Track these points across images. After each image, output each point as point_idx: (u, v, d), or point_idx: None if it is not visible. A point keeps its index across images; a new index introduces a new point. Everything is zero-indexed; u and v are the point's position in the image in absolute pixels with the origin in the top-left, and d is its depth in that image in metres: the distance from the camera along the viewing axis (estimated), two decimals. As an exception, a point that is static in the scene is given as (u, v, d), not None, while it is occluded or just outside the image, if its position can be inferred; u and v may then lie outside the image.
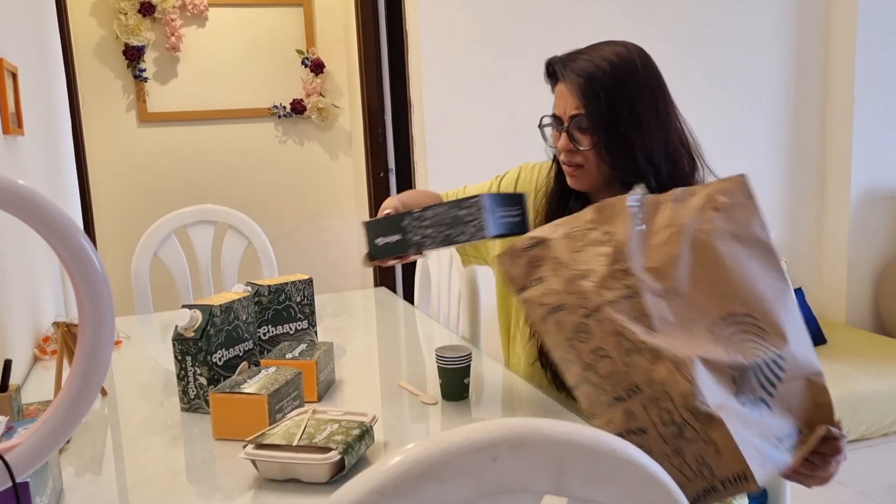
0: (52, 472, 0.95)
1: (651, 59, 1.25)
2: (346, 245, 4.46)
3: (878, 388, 2.85)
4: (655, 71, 1.25)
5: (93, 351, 0.64)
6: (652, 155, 1.20)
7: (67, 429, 0.65)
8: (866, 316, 3.67)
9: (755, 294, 0.90)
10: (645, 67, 1.23)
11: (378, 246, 1.18)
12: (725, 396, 0.85)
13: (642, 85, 1.21)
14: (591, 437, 0.57)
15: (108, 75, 3.95)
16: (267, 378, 1.20)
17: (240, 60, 4.14)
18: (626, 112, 1.20)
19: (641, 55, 1.24)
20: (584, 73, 1.21)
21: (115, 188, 4.04)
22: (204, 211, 2.38)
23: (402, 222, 1.14)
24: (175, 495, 1.00)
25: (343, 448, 0.98)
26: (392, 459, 0.53)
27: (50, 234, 0.62)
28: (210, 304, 1.30)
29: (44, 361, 1.66)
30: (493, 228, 1.09)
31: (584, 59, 1.22)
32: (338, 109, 4.32)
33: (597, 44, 1.26)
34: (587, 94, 1.21)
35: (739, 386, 0.86)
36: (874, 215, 3.62)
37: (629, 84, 1.21)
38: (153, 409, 1.32)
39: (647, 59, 1.25)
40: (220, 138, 4.17)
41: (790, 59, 3.53)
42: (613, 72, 1.20)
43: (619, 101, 1.20)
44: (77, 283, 0.64)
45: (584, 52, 1.24)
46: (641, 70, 1.22)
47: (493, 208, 1.09)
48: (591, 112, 1.21)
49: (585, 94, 1.21)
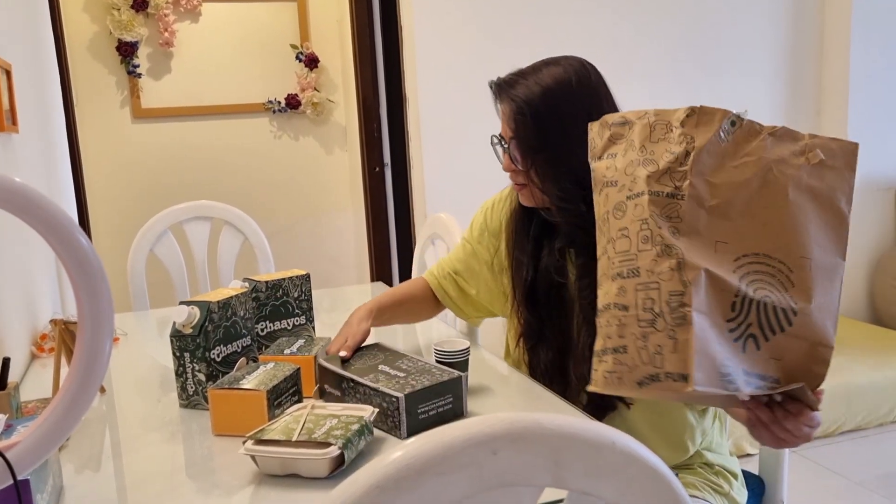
0: (52, 469, 0.95)
1: (591, 76, 1.27)
2: (343, 240, 4.45)
3: (873, 378, 2.86)
4: (593, 88, 1.26)
5: (92, 348, 0.64)
6: (583, 179, 1.18)
7: (68, 426, 0.65)
8: (862, 307, 3.69)
9: (802, 248, 0.91)
10: (581, 86, 1.24)
11: (322, 374, 1.27)
12: (713, 312, 0.87)
13: (575, 106, 1.23)
14: (591, 431, 0.57)
15: (101, 71, 3.94)
16: (265, 374, 1.20)
17: (234, 56, 4.13)
18: (555, 137, 1.24)
19: (580, 74, 1.25)
20: (518, 98, 1.25)
21: (109, 185, 4.03)
22: (200, 207, 2.38)
23: (342, 383, 1.21)
24: (175, 492, 1.00)
25: (342, 443, 0.99)
26: (393, 454, 0.53)
27: (47, 232, 0.62)
28: (207, 300, 1.30)
29: (41, 359, 1.66)
30: (409, 429, 1.12)
31: (521, 84, 1.26)
32: (333, 104, 4.31)
33: (538, 63, 1.28)
34: (517, 119, 1.25)
35: (737, 313, 0.88)
36: (869, 207, 3.63)
37: (559, 107, 1.23)
38: (151, 405, 1.32)
39: (586, 78, 1.26)
40: (215, 134, 4.16)
41: (785, 51, 3.53)
42: (545, 95, 1.23)
43: (549, 125, 1.24)
44: (75, 281, 0.64)
45: (522, 75, 1.27)
46: (576, 90, 1.24)
47: (410, 408, 1.12)
48: (520, 137, 1.26)
49: (516, 120, 1.26)
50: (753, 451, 2.60)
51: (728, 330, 0.88)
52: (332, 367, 1.23)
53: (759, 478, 1.45)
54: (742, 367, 0.88)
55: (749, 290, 0.88)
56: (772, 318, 0.90)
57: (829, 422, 2.78)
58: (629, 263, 0.91)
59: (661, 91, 3.32)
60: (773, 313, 0.89)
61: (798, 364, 0.92)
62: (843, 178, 0.93)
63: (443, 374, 1.18)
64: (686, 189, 0.89)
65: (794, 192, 0.91)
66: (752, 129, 0.93)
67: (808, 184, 0.92)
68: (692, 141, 0.90)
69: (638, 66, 3.26)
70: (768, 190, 0.91)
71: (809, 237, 0.91)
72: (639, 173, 0.92)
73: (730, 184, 0.90)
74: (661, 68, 3.31)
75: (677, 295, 0.87)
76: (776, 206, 0.91)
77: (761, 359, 0.90)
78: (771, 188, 0.91)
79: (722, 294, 0.88)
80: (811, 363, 0.93)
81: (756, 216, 0.90)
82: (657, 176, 0.90)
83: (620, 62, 3.22)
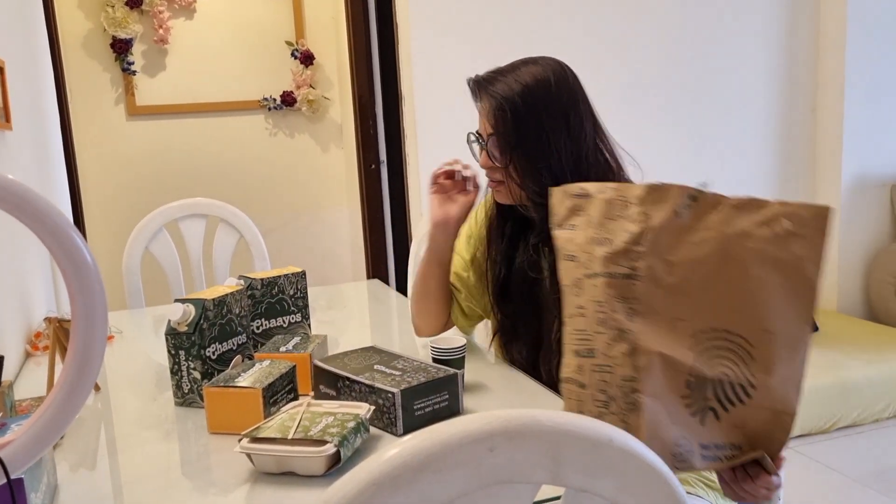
0: (46, 468, 0.95)
1: (568, 75, 1.29)
2: (339, 237, 4.45)
3: (869, 374, 2.87)
4: (571, 87, 1.28)
5: (86, 346, 0.64)
6: (560, 175, 1.24)
7: (62, 424, 0.65)
8: (857, 303, 3.70)
9: (763, 322, 0.89)
10: (559, 85, 1.26)
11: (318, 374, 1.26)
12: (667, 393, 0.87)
13: (553, 104, 1.26)
14: (588, 428, 0.57)
15: (96, 69, 3.92)
16: (261, 371, 1.20)
17: (229, 53, 4.11)
18: (534, 133, 1.25)
19: (558, 73, 1.27)
20: (497, 95, 1.26)
21: (104, 182, 4.01)
22: (195, 204, 2.37)
23: (338, 382, 1.21)
24: (170, 490, 1.00)
25: (339, 441, 0.98)
26: (389, 451, 0.53)
27: (40, 229, 0.62)
28: (203, 297, 1.29)
29: (35, 357, 1.65)
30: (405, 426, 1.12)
31: (500, 81, 1.27)
32: (328, 101, 4.30)
33: (516, 62, 1.30)
34: (497, 116, 1.27)
35: (692, 390, 0.88)
36: (864, 203, 3.64)
37: (538, 105, 1.25)
38: (146, 403, 1.32)
39: (563, 77, 1.28)
40: (210, 131, 4.15)
41: (781, 48, 3.53)
42: (524, 93, 1.25)
43: (528, 123, 1.25)
44: (69, 279, 0.64)
45: (502, 73, 1.29)
46: (554, 89, 1.26)
47: (406, 404, 1.12)
48: (500, 133, 1.27)
49: (496, 117, 1.27)
50: (749, 447, 2.60)
51: (684, 405, 0.88)
52: (328, 366, 1.23)
53: (755, 474, 1.44)
54: (699, 442, 0.89)
55: (705, 369, 0.88)
56: (729, 392, 0.90)
57: (825, 418, 2.79)
58: (586, 343, 0.92)
59: (653, 89, 3.32)
60: (731, 389, 0.89)
61: (760, 430, 0.92)
62: (812, 245, 0.89)
63: (439, 372, 1.18)
64: (643, 270, 0.88)
65: (757, 267, 0.89)
66: (713, 201, 0.90)
67: (773, 255, 0.89)
68: (649, 219, 0.88)
69: (632, 59, 3.26)
70: (728, 265, 0.89)
71: (772, 310, 0.89)
72: (596, 252, 0.91)
73: (688, 261, 0.89)
74: (653, 65, 3.31)
75: (629, 381, 0.87)
76: (737, 281, 0.89)
77: (722, 428, 0.90)
78: (731, 264, 0.89)
79: (677, 375, 0.88)
80: (773, 430, 0.92)
81: (716, 291, 0.89)
82: (613, 257, 0.89)
83: (617, 56, 3.22)
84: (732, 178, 3.55)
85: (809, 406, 2.75)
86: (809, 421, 2.77)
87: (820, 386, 2.77)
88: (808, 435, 2.79)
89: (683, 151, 3.45)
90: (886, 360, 2.95)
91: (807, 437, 2.78)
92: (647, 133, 3.34)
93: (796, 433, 2.74)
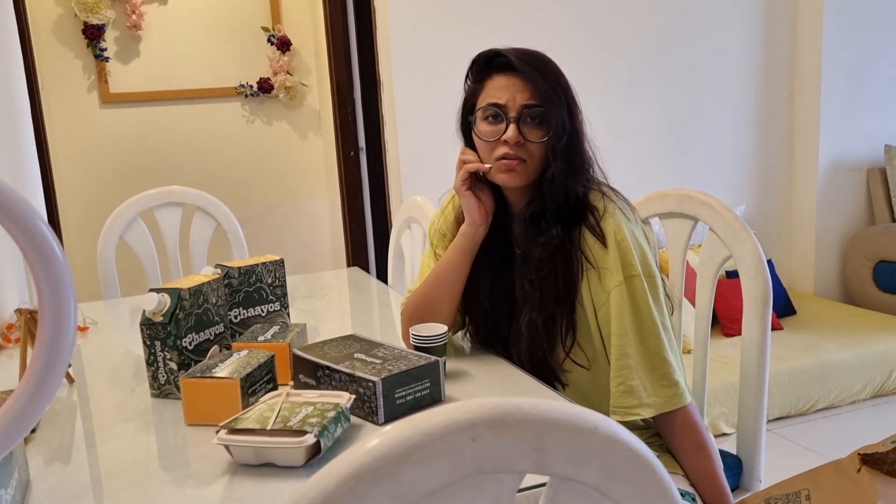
0: (17, 462, 0.92)
1: None
2: (318, 225, 4.41)
3: (846, 357, 2.90)
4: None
5: (54, 333, 0.62)
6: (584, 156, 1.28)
7: (31, 418, 0.63)
8: (834, 286, 3.74)
9: None
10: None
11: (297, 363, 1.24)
12: None
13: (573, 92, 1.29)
14: (572, 415, 0.56)
15: (67, 55, 3.85)
16: (239, 361, 1.18)
17: (204, 39, 4.05)
18: (571, 113, 1.26)
19: None
20: (543, 67, 1.25)
21: (78, 171, 3.95)
22: (171, 193, 2.33)
23: (318, 371, 1.19)
24: (148, 483, 0.98)
25: (318, 431, 0.97)
26: (370, 442, 0.51)
27: (6, 220, 0.59)
28: (179, 287, 1.27)
29: (8, 350, 1.62)
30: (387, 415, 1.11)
31: (534, 56, 1.26)
32: (306, 88, 4.25)
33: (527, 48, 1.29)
34: (544, 87, 1.23)
35: None
36: (841, 188, 3.67)
37: (568, 88, 1.27)
38: (123, 395, 1.30)
39: None
40: (186, 119, 4.09)
41: (758, 34, 3.54)
42: (560, 73, 1.27)
43: (568, 100, 1.26)
44: (36, 271, 0.61)
45: (526, 50, 1.27)
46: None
47: (387, 393, 1.10)
48: (549, 105, 1.23)
49: (542, 88, 1.23)
50: (730, 430, 2.62)
51: None
52: (307, 355, 1.21)
53: (736, 457, 1.45)
54: None
55: None
56: None
57: (803, 400, 2.82)
58: None
59: (630, 75, 3.32)
60: None
61: None
62: None
63: (420, 360, 1.17)
64: None
65: None
66: None
67: None
68: None
69: (608, 46, 3.25)
70: None
71: None
72: None
73: None
74: (632, 49, 3.31)
75: None
76: None
77: None
78: None
79: None
80: None
81: None
82: None
83: (596, 42, 3.21)
84: (710, 165, 3.57)
85: (788, 388, 2.78)
86: (788, 403, 2.80)
87: (798, 368, 2.80)
88: (786, 417, 2.81)
89: (661, 137, 3.45)
90: (863, 343, 2.99)
91: (785, 419, 2.81)
92: (625, 120, 3.34)
93: (774, 415, 2.77)
